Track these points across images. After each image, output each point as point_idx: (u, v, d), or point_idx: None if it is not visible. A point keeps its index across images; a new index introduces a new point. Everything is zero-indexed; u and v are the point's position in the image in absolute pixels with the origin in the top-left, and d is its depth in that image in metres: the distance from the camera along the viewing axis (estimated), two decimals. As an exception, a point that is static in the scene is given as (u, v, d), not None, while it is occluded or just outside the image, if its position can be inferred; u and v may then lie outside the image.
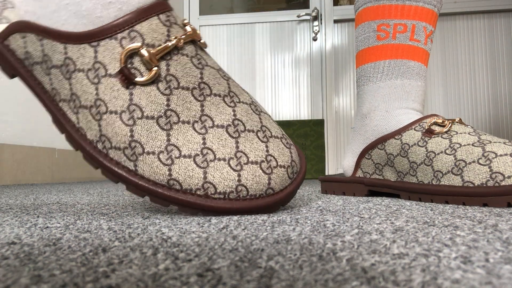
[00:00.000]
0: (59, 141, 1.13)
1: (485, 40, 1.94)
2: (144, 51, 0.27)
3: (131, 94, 0.28)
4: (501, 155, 0.35)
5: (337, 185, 0.51)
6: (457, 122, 0.42)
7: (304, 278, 0.13)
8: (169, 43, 0.28)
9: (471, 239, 0.19)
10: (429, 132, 0.41)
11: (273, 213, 0.30)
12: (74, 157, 1.18)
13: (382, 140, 0.45)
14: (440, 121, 0.42)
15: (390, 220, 0.26)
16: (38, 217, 0.30)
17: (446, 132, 0.40)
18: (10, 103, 0.96)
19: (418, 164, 0.41)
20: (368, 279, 0.13)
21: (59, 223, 0.27)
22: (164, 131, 0.28)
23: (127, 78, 0.28)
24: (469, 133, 0.39)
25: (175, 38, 0.29)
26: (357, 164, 0.49)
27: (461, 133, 0.40)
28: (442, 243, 0.18)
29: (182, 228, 0.24)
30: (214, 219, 0.27)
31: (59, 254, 0.17)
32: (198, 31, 0.31)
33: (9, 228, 0.25)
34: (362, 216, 0.28)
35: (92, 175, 1.27)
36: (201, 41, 0.31)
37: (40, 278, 0.13)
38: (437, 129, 0.41)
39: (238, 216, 0.29)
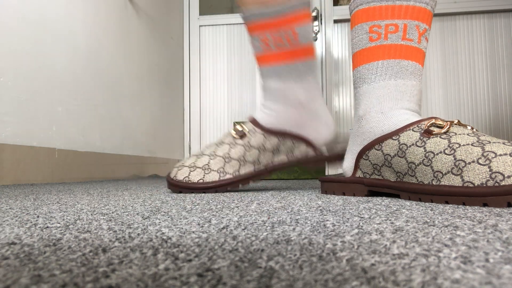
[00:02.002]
0: (59, 141, 1.13)
1: (485, 40, 1.94)
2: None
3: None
4: (500, 155, 0.35)
5: (337, 185, 0.51)
6: (455, 124, 0.42)
7: (304, 278, 0.13)
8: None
9: (471, 239, 0.19)
10: (427, 133, 0.41)
11: (273, 214, 0.30)
12: (74, 157, 1.18)
13: (379, 141, 0.45)
14: (439, 122, 0.42)
15: (390, 220, 0.26)
16: (38, 217, 0.30)
17: (444, 132, 0.40)
18: (10, 103, 0.96)
19: (416, 164, 0.41)
20: (368, 279, 0.13)
21: (59, 223, 0.27)
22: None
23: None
24: (468, 134, 0.39)
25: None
26: (356, 165, 0.49)
27: (460, 134, 0.40)
28: (442, 243, 0.18)
29: (182, 229, 0.24)
30: (214, 220, 0.27)
31: (59, 254, 0.17)
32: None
33: (9, 228, 0.25)
34: (362, 216, 0.28)
35: (92, 175, 1.27)
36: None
37: (40, 278, 0.13)
38: (435, 130, 0.41)
39: (238, 216, 0.29)
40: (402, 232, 0.21)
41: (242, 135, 0.59)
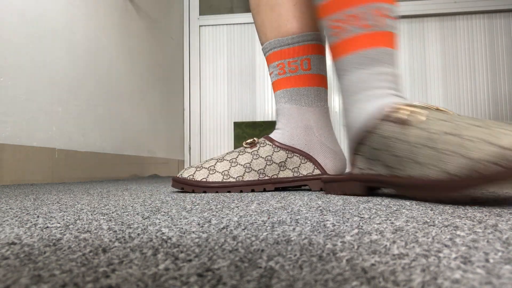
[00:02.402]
0: (59, 141, 1.13)
1: (485, 40, 1.94)
2: None
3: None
4: (478, 141, 0.35)
5: (336, 185, 0.51)
6: (435, 109, 0.41)
7: (304, 278, 0.13)
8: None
9: (471, 239, 0.19)
10: (404, 123, 0.41)
11: (273, 214, 0.30)
12: (74, 157, 1.18)
13: (361, 136, 0.45)
14: (417, 109, 0.41)
15: (390, 220, 0.26)
16: (38, 217, 0.30)
17: (422, 121, 0.40)
18: (10, 103, 0.96)
19: (403, 157, 0.40)
20: (368, 279, 0.13)
21: (59, 223, 0.27)
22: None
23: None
24: (445, 120, 0.39)
25: None
26: (352, 162, 0.49)
27: (438, 119, 0.39)
28: (442, 243, 0.18)
29: (182, 229, 0.24)
30: (214, 220, 0.27)
31: (59, 254, 0.17)
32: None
33: (9, 228, 0.25)
34: (362, 216, 0.28)
35: (92, 175, 1.26)
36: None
37: (40, 278, 0.13)
38: (413, 119, 0.41)
39: (238, 216, 0.29)
40: (402, 232, 0.21)
41: (252, 145, 0.63)
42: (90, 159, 1.26)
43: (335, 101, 2.01)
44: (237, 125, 2.10)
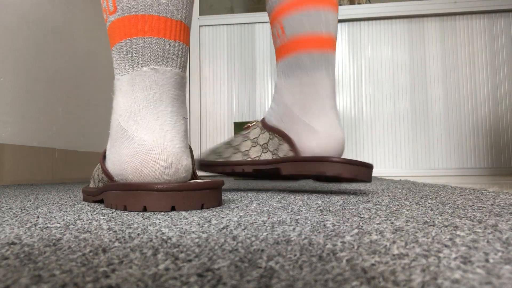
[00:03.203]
0: (59, 141, 1.13)
1: (485, 40, 1.94)
2: None
3: None
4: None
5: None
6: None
7: (304, 278, 0.13)
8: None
9: (471, 240, 0.19)
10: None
11: (273, 214, 0.30)
12: (74, 157, 1.18)
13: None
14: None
15: (390, 220, 0.26)
16: (38, 217, 0.30)
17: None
18: (10, 103, 0.96)
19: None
20: (368, 279, 0.13)
21: (59, 223, 0.27)
22: None
23: None
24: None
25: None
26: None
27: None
28: (442, 243, 0.18)
29: (182, 229, 0.24)
30: (214, 220, 0.27)
31: (59, 254, 0.17)
32: None
33: (9, 228, 0.25)
34: (362, 216, 0.28)
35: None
36: None
37: (40, 278, 0.13)
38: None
39: (238, 216, 0.29)
40: (402, 232, 0.21)
41: (247, 128, 0.65)
42: (90, 159, 1.26)
43: (335, 101, 2.01)
44: (237, 125, 2.10)
